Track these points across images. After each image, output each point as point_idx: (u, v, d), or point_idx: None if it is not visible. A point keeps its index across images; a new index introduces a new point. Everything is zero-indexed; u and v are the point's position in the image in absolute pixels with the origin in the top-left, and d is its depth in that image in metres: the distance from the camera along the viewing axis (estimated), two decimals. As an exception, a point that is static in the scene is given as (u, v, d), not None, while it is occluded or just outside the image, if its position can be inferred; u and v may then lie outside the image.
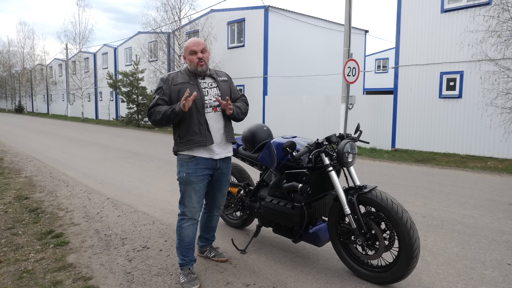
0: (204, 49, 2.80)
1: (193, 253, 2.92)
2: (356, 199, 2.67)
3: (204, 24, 18.10)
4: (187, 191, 2.80)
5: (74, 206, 4.86)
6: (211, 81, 2.90)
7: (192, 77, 2.82)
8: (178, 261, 2.90)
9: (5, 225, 4.21)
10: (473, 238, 3.70)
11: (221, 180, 2.99)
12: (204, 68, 2.81)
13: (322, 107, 13.87)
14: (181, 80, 2.78)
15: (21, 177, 6.69)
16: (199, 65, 2.78)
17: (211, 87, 2.87)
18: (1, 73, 43.97)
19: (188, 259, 2.88)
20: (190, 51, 2.77)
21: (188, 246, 2.86)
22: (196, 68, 2.78)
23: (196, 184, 2.78)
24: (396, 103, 11.75)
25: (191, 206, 2.81)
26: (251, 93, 16.88)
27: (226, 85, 2.96)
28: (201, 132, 2.75)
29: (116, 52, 27.94)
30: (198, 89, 2.78)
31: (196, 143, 2.75)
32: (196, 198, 2.81)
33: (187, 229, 2.83)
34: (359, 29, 21.19)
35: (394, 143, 11.73)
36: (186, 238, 2.84)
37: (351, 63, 10.87)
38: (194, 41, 2.80)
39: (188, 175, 2.77)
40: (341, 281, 2.80)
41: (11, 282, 2.93)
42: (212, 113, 2.82)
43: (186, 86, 2.74)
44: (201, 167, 2.79)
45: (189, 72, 2.84)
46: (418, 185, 6.12)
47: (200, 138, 2.74)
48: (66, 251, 3.47)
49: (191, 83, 2.79)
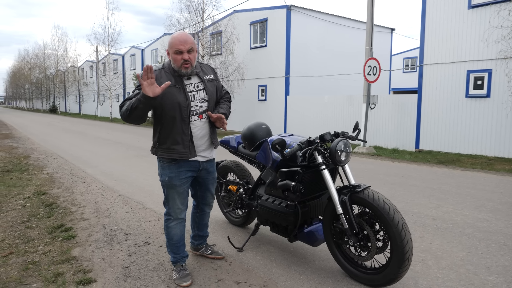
0: (191, 48, 2.53)
1: (183, 249, 2.93)
2: (348, 198, 2.61)
3: (227, 24, 18.23)
4: (170, 194, 2.73)
5: (87, 202, 5.02)
6: (197, 82, 2.69)
7: (177, 78, 2.59)
8: (170, 258, 2.92)
9: (21, 218, 4.40)
10: (482, 242, 3.54)
11: (207, 179, 2.92)
12: (188, 70, 2.57)
13: (344, 107, 13.67)
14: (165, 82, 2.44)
15: (43, 173, 6.98)
16: (183, 67, 2.54)
17: (198, 90, 2.67)
18: (37, 75, 46.04)
19: (179, 256, 2.88)
20: (175, 50, 2.50)
21: (177, 244, 2.84)
22: (180, 69, 2.55)
23: (179, 187, 2.71)
24: (420, 102, 11.41)
25: (175, 207, 2.76)
26: (273, 93, 16.86)
27: (212, 86, 2.77)
28: (184, 143, 2.60)
29: (143, 53, 28.65)
30: (184, 94, 2.58)
31: (177, 153, 2.61)
32: (180, 200, 2.75)
33: (174, 228, 2.80)
34: (384, 27, 20.72)
35: (418, 144, 11.38)
36: (175, 237, 2.82)
37: (371, 61, 10.65)
38: (181, 39, 2.49)
39: (171, 178, 2.67)
40: (333, 282, 2.74)
41: (17, 272, 3.06)
42: (197, 121, 2.66)
43: (172, 90, 2.53)
44: (184, 169, 2.69)
45: (174, 71, 2.59)
46: (434, 187, 5.91)
47: (183, 150, 2.61)
48: (72, 245, 3.59)
49: (177, 86, 2.56)
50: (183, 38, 2.50)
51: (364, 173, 7.08)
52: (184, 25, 18.90)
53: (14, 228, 4.08)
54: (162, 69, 2.62)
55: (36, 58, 46.04)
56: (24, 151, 10.05)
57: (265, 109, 17.39)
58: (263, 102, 17.55)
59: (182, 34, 2.54)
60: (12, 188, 5.86)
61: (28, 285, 2.84)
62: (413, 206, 4.77)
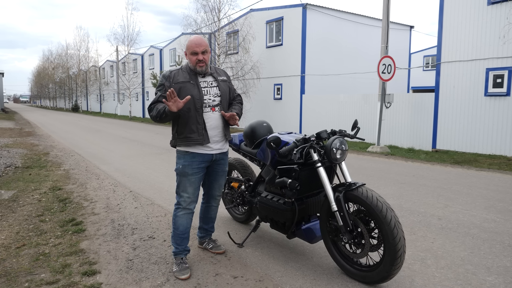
0: (205, 50, 2.87)
1: (187, 243, 3.06)
2: (342, 196, 2.63)
3: (243, 23, 18.32)
4: (182, 182, 2.95)
5: (98, 198, 5.19)
6: (211, 80, 2.99)
7: (192, 76, 2.91)
8: (173, 250, 3.04)
9: (36, 212, 4.59)
10: (486, 243, 3.49)
11: (217, 170, 3.11)
12: (203, 69, 2.90)
13: (360, 105, 13.56)
14: (182, 79, 2.88)
15: (60, 170, 7.23)
16: (198, 66, 2.87)
17: (211, 86, 2.96)
18: (60, 74, 47.37)
19: (181, 248, 3.01)
20: (192, 51, 2.86)
21: (182, 235, 2.99)
22: (195, 68, 2.89)
23: (191, 176, 2.93)
24: (437, 101, 11.19)
25: (185, 196, 2.95)
26: (288, 92, 16.85)
27: (225, 85, 3.05)
28: (198, 131, 2.87)
29: (161, 53, 29.06)
30: (198, 88, 2.88)
31: (193, 141, 2.88)
32: (191, 189, 2.95)
33: (181, 218, 2.97)
34: (403, 24, 20.38)
35: (435, 144, 11.18)
36: (180, 227, 2.98)
37: (386, 60, 10.53)
38: (196, 42, 2.86)
39: (184, 167, 2.92)
40: (328, 279, 2.78)
41: (28, 263, 3.21)
42: (210, 113, 2.93)
43: (187, 86, 2.86)
44: (197, 160, 2.93)
45: (190, 70, 2.94)
46: (445, 187, 5.83)
47: (198, 137, 2.87)
48: (81, 238, 3.74)
49: (191, 82, 2.88)
50: (198, 41, 2.86)
51: (375, 172, 7.03)
52: (201, 24, 19.11)
53: (29, 222, 4.26)
54: (180, 69, 2.97)
55: (59, 58, 47.44)
56: (44, 148, 10.41)
57: (281, 108, 17.40)
58: (279, 101, 17.56)
59: (197, 37, 2.90)
60: (30, 183, 6.10)
61: (37, 275, 2.98)
62: (420, 206, 4.72)
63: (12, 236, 3.83)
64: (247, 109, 19.11)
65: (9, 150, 9.93)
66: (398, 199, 5.07)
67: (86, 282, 2.84)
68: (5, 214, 4.56)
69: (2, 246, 3.59)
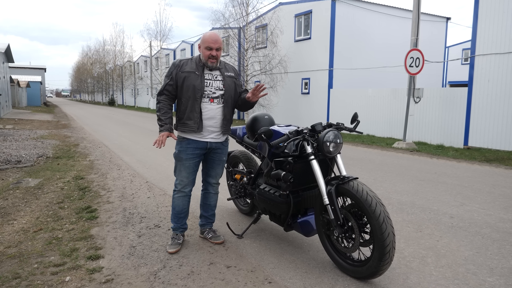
0: (219, 47, 3.02)
1: (185, 221, 3.33)
2: (334, 189, 2.60)
3: (272, 17, 18.24)
4: (178, 166, 3.18)
5: (116, 187, 5.40)
6: (217, 74, 3.12)
7: (200, 67, 3.06)
8: (171, 225, 3.33)
9: (57, 199, 4.85)
10: (496, 243, 3.33)
11: (213, 159, 3.25)
12: (214, 65, 3.05)
13: (389, 100, 13.20)
14: (188, 69, 3.04)
15: (86, 160, 7.57)
16: (210, 61, 3.03)
17: (215, 80, 3.10)
18: (98, 69, 49.25)
19: (179, 225, 3.30)
20: (207, 46, 2.99)
21: (179, 214, 3.26)
22: (206, 62, 3.04)
23: (186, 161, 3.13)
24: (470, 96, 10.69)
25: (180, 179, 3.18)
26: (316, 86, 16.65)
27: (231, 81, 3.17)
28: (194, 119, 3.04)
29: (192, 47, 29.53)
30: (201, 79, 3.04)
31: (189, 127, 3.06)
32: (185, 173, 3.16)
33: (178, 200, 3.23)
34: (439, 16, 19.53)
35: (467, 141, 10.70)
36: (177, 208, 3.24)
37: (414, 53, 10.16)
38: (213, 38, 3.00)
39: (180, 152, 3.13)
40: (319, 272, 2.76)
41: (41, 246, 3.41)
42: (207, 103, 3.07)
43: (191, 76, 3.03)
44: (191, 146, 3.11)
45: (199, 61, 3.08)
46: (466, 185, 5.59)
47: (193, 124, 3.04)
48: (92, 224, 3.92)
49: (196, 73, 3.03)
50: (215, 38, 3.00)
51: (395, 169, 6.85)
52: (229, 19, 19.22)
53: (49, 208, 4.51)
54: (190, 59, 3.12)
55: (97, 53, 49.32)
56: (75, 140, 10.91)
57: (308, 102, 17.24)
58: (306, 95, 17.39)
59: (214, 34, 3.05)
60: (56, 172, 6.43)
61: (47, 257, 3.17)
62: (434, 203, 4.57)
63: (32, 221, 4.07)
64: (274, 103, 19.08)
65: (43, 141, 10.50)
66: (413, 196, 4.93)
67: (89, 265, 2.98)
68: (29, 200, 4.85)
69: (22, 229, 3.83)
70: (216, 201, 3.45)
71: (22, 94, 35.05)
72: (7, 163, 7.36)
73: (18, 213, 4.33)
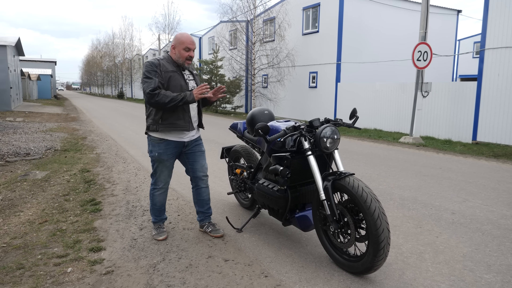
0: (195, 48, 3.15)
1: (164, 213, 3.50)
2: (330, 185, 2.62)
3: (279, 10, 18.12)
4: (159, 167, 3.27)
5: (120, 180, 5.47)
6: (188, 74, 3.25)
7: (177, 68, 3.13)
8: (152, 219, 3.48)
9: (63, 192, 4.94)
10: (496, 240, 3.32)
11: (194, 151, 3.33)
12: (188, 66, 3.19)
13: (397, 94, 13.09)
14: (170, 69, 3.07)
15: (93, 153, 7.67)
16: (187, 62, 3.11)
17: (190, 80, 3.23)
18: (107, 63, 49.55)
19: (159, 218, 3.46)
20: (185, 47, 3.06)
21: (159, 208, 3.42)
22: (183, 63, 3.11)
23: (167, 162, 3.24)
24: (480, 90, 10.54)
25: (163, 178, 3.31)
26: (324, 80, 16.55)
27: (198, 79, 3.35)
28: (184, 118, 3.11)
29: (201, 41, 29.50)
30: (184, 80, 3.14)
31: (180, 127, 3.10)
32: (167, 172, 3.31)
33: (159, 196, 3.36)
34: (449, 9, 19.22)
35: (476, 136, 10.57)
36: (158, 203, 3.39)
37: (422, 46, 10.03)
38: (191, 40, 3.08)
39: (160, 154, 3.18)
40: (316, 267, 2.79)
41: (45, 237, 3.49)
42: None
43: (175, 76, 3.11)
44: (170, 147, 3.18)
45: (173, 61, 3.12)
46: (471, 180, 5.54)
47: (184, 124, 3.11)
48: (96, 217, 3.99)
49: (178, 73, 3.11)
50: (192, 40, 3.10)
51: (399, 164, 6.82)
52: (237, 12, 19.16)
53: (55, 200, 4.60)
54: (162, 59, 3.12)
55: (106, 47, 49.61)
56: (84, 133, 11.05)
57: (316, 96, 17.16)
58: (314, 89, 17.31)
59: (190, 36, 3.12)
60: (63, 165, 6.54)
61: (51, 248, 3.24)
62: (436, 199, 4.55)
63: (38, 213, 4.16)
64: (281, 97, 19.03)
65: (52, 134, 10.65)
66: (415, 191, 4.91)
67: (91, 257, 3.05)
68: (36, 192, 4.94)
69: (28, 221, 3.92)
70: (209, 194, 3.50)
71: (32, 87, 35.48)
72: (16, 155, 7.50)
73: (24, 205, 4.43)
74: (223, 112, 21.53)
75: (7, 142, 9.07)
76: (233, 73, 21.34)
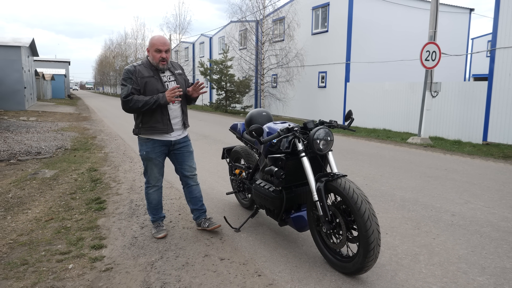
0: (168, 49, 3.16)
1: (161, 212, 3.58)
2: (323, 186, 2.65)
3: (289, 10, 18.12)
4: (149, 165, 3.37)
5: (126, 179, 5.59)
6: (169, 75, 3.28)
7: (154, 71, 3.19)
8: (150, 218, 3.57)
9: (70, 190, 5.07)
10: (494, 242, 3.30)
11: (182, 152, 3.40)
12: (165, 67, 3.19)
13: (406, 94, 12.99)
14: (146, 74, 3.14)
15: (101, 152, 7.82)
16: (161, 63, 3.15)
17: (170, 81, 3.26)
18: (120, 62, 50.16)
19: (157, 217, 3.54)
20: (156, 49, 3.10)
21: (156, 207, 3.49)
22: (157, 65, 3.16)
23: (155, 160, 3.33)
24: (490, 90, 10.40)
25: (153, 176, 3.40)
26: (333, 80, 16.49)
27: (181, 78, 3.34)
28: (163, 121, 3.19)
29: (211, 41, 29.66)
30: (161, 83, 3.18)
31: (158, 130, 3.20)
32: (157, 169, 3.38)
33: (153, 194, 3.45)
34: (461, 7, 18.94)
35: (486, 136, 10.44)
36: (153, 201, 3.47)
37: (430, 46, 9.94)
38: (161, 41, 3.11)
39: (148, 153, 3.29)
40: (309, 266, 2.83)
41: (50, 235, 3.61)
42: (171, 105, 3.22)
43: (152, 80, 3.15)
44: (157, 145, 3.28)
45: (151, 65, 3.19)
46: (475, 182, 5.50)
47: (162, 127, 3.19)
48: (100, 215, 4.10)
49: (155, 77, 3.17)
50: (163, 41, 3.12)
51: (404, 164, 6.79)
52: (246, 12, 19.22)
53: (62, 199, 4.73)
54: (142, 65, 3.21)
55: (119, 47, 50.22)
56: (94, 132, 11.25)
57: (325, 96, 17.12)
58: (323, 89, 17.27)
59: (162, 37, 3.17)
60: (72, 164, 6.69)
61: (55, 245, 3.35)
62: (437, 201, 4.53)
63: (45, 211, 4.29)
64: (290, 97, 19.03)
65: (63, 133, 10.87)
66: (417, 192, 4.90)
67: (92, 254, 3.14)
68: (44, 191, 5.08)
69: (34, 218, 4.04)
70: (200, 191, 3.58)
71: (47, 87, 36.15)
72: (27, 154, 7.70)
73: (33, 203, 4.56)
74: (233, 112, 21.63)
75: (19, 141, 9.31)
76: (242, 73, 21.41)
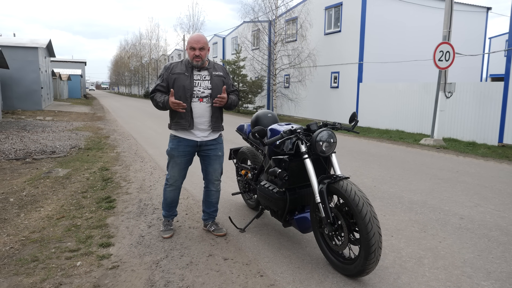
0: (202, 47, 3.17)
1: (174, 209, 3.63)
2: (325, 188, 2.66)
3: (301, 10, 18.09)
4: (170, 163, 3.41)
5: (136, 179, 5.68)
6: (206, 74, 3.28)
7: (189, 69, 3.25)
8: (162, 213, 3.63)
9: (81, 189, 5.18)
10: (501, 247, 3.25)
11: (209, 155, 3.42)
12: (199, 63, 3.20)
13: (420, 95, 12.83)
14: (178, 71, 3.24)
15: (113, 152, 7.96)
16: (195, 60, 3.20)
17: (204, 80, 3.26)
18: (135, 63, 50.83)
19: (169, 213, 3.61)
20: (190, 46, 3.18)
21: (170, 204, 3.55)
22: (192, 62, 3.22)
23: (177, 158, 3.35)
24: (507, 91, 10.20)
25: (172, 174, 3.42)
26: (345, 80, 16.39)
27: (219, 80, 3.30)
28: (186, 118, 3.24)
29: (224, 41, 29.81)
30: (190, 80, 3.22)
31: (181, 125, 3.27)
32: (177, 169, 3.40)
33: (169, 192, 3.50)
34: (478, 6, 18.59)
35: (502, 138, 10.24)
36: (168, 199, 3.53)
37: (444, 46, 9.81)
38: (195, 39, 3.18)
39: (171, 149, 3.35)
40: (311, 268, 2.84)
41: (61, 232, 3.70)
42: (197, 103, 3.24)
43: (181, 77, 3.23)
44: (182, 144, 3.32)
45: (188, 63, 3.27)
46: (487, 185, 5.40)
47: (185, 123, 3.25)
48: (109, 214, 4.18)
49: (186, 74, 3.23)
50: (197, 39, 3.17)
51: (415, 166, 6.71)
52: (258, 12, 19.25)
53: (73, 197, 4.84)
54: (180, 62, 3.31)
55: (134, 47, 50.92)
56: (107, 132, 11.44)
57: (337, 96, 17.03)
58: (335, 89, 17.18)
59: (198, 35, 3.23)
60: (84, 163, 6.83)
61: (64, 243, 3.44)
62: (447, 203, 4.48)
63: (57, 209, 4.40)
64: (303, 97, 18.99)
65: (77, 133, 11.09)
66: (426, 195, 4.85)
67: (100, 252, 3.22)
68: (57, 189, 5.21)
69: (46, 216, 4.15)
70: (218, 198, 3.59)
71: (63, 87, 36.87)
72: (42, 153, 7.89)
73: (45, 201, 4.68)
74: (245, 112, 21.69)
75: (35, 140, 9.54)
76: (254, 73, 21.44)
